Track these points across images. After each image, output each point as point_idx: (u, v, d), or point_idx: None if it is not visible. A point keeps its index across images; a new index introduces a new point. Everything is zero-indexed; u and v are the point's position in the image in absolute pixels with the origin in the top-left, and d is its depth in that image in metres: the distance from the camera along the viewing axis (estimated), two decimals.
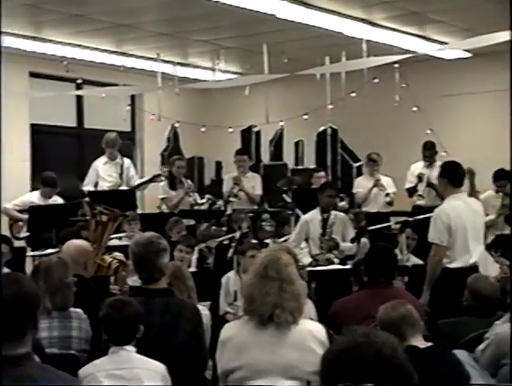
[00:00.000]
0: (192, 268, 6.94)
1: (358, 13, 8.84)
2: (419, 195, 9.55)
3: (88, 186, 9.72)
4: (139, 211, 9.61)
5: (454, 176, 6.35)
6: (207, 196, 10.10)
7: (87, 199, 8.65)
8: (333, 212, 7.95)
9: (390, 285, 5.20)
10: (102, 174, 9.78)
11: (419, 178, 9.60)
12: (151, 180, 10.01)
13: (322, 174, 10.49)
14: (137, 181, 10.02)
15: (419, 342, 3.92)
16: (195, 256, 7.47)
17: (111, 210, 6.70)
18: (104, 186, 9.72)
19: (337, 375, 2.09)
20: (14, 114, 10.59)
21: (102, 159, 9.86)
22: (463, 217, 6.19)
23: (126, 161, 10.06)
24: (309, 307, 4.93)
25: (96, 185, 9.77)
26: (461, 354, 4.23)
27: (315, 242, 7.83)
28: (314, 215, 7.92)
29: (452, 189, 6.32)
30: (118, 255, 6.32)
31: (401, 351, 2.13)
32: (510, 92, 6.51)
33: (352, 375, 2.07)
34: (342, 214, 8.13)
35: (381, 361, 2.07)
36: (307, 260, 7.58)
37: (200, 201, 9.80)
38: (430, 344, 3.93)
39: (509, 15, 6.50)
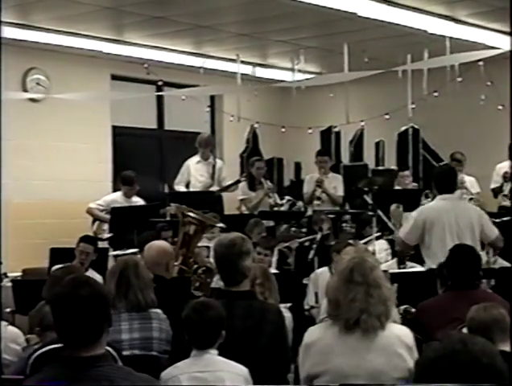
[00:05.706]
0: (273, 270, 6.88)
1: (441, 10, 8.65)
2: (504, 195, 9.30)
3: (179, 185, 9.80)
4: None
5: None
6: (287, 197, 10.01)
7: (179, 204, 8.60)
8: None
9: (475, 287, 5.04)
10: (194, 172, 9.83)
11: (505, 177, 9.34)
12: (237, 183, 9.96)
13: (407, 173, 10.27)
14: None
15: (507, 349, 3.72)
16: (275, 258, 7.41)
17: (201, 220, 6.67)
18: (195, 185, 9.77)
19: (431, 382, 2.00)
20: (97, 117, 10.78)
21: (195, 158, 9.92)
22: None
23: (219, 162, 10.09)
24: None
25: (188, 184, 9.82)
26: None
27: None
28: None
29: None
30: (210, 261, 6.27)
31: (500, 359, 2.02)
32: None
33: (447, 383, 1.98)
34: None
35: (478, 369, 1.98)
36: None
37: (279, 202, 9.71)
38: None
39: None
